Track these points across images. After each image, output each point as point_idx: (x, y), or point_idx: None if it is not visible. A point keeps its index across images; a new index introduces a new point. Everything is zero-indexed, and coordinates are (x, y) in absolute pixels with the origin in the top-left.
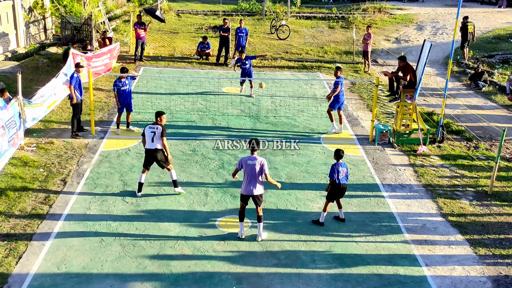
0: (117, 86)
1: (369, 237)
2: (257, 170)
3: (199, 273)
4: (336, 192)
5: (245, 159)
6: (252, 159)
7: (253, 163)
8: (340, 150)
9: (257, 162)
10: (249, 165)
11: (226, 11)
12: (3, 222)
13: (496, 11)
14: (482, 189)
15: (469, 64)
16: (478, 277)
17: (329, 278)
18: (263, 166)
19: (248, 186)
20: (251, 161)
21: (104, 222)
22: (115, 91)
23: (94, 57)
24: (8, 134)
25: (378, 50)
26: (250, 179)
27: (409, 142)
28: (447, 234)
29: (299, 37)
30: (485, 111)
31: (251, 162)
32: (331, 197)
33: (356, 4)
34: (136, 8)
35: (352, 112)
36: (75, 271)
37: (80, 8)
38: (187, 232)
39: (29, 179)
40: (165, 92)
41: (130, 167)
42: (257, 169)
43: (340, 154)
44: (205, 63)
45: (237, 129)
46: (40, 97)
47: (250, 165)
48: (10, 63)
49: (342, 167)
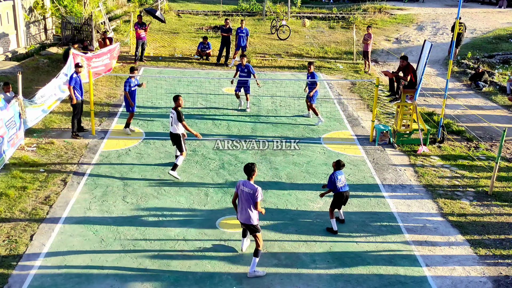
0: (129, 85)
1: (370, 237)
2: (250, 198)
3: (199, 273)
4: (340, 200)
5: (240, 184)
6: (247, 185)
7: (246, 190)
8: (341, 161)
9: (251, 190)
10: (242, 192)
11: (227, 11)
12: (3, 222)
13: (497, 11)
14: (482, 190)
15: (470, 65)
16: (478, 278)
17: (329, 278)
18: (256, 194)
19: (241, 213)
20: (244, 187)
21: (104, 222)
22: (127, 91)
23: (94, 57)
24: (8, 134)
25: (379, 50)
26: (244, 206)
27: (410, 142)
28: (448, 234)
29: (300, 37)
30: (486, 111)
31: (244, 189)
32: (335, 205)
33: (356, 4)
34: (137, 8)
35: (353, 112)
36: (75, 271)
37: (80, 8)
38: (188, 232)
39: (29, 179)
40: (165, 92)
41: (130, 167)
42: (250, 197)
43: (340, 165)
44: (206, 63)
45: (237, 129)
46: (40, 97)
47: (243, 191)
48: (10, 63)
49: (341, 175)
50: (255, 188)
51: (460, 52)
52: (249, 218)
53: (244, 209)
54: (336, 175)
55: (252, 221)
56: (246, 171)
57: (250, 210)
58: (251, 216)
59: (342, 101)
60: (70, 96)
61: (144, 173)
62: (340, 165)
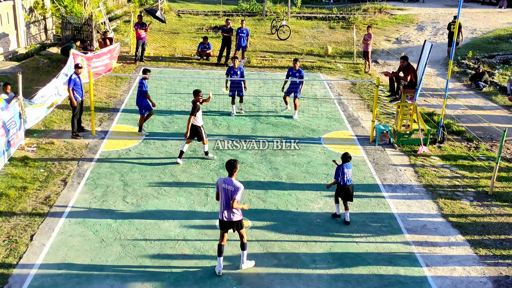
0: (145, 86)
1: (370, 238)
2: (230, 196)
3: (199, 273)
4: (340, 192)
5: (220, 181)
6: (228, 183)
7: (227, 187)
8: (347, 154)
9: (232, 187)
10: (223, 189)
11: (227, 11)
12: (3, 222)
13: (497, 11)
14: (482, 190)
15: (470, 65)
16: (478, 278)
17: (329, 278)
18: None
19: (223, 211)
20: (225, 185)
21: (104, 222)
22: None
23: (94, 58)
24: (8, 134)
25: (379, 51)
26: (225, 204)
27: (410, 142)
28: (448, 235)
29: (300, 37)
30: (486, 112)
31: (225, 186)
32: (336, 197)
33: (356, 5)
34: (137, 9)
35: (353, 113)
36: (75, 271)
37: (80, 8)
38: (188, 232)
39: (29, 180)
40: (165, 92)
41: (131, 168)
42: (230, 195)
43: (347, 157)
44: (206, 64)
45: (238, 130)
46: (40, 97)
47: (224, 189)
48: (10, 63)
49: (348, 169)
50: (236, 186)
51: (460, 52)
52: (232, 215)
53: (226, 207)
54: (342, 167)
55: (236, 218)
56: (227, 167)
57: (231, 208)
58: (233, 213)
59: (342, 101)
60: (69, 97)
61: (144, 173)
62: (345, 158)
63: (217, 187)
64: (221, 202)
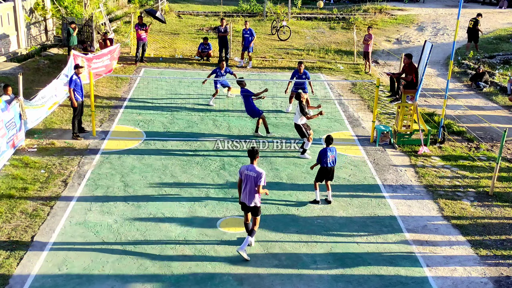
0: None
1: (370, 238)
2: (254, 181)
3: (200, 274)
4: (324, 174)
5: (244, 169)
6: (251, 169)
7: (250, 174)
8: (330, 136)
9: (255, 173)
10: (246, 176)
11: (227, 12)
12: (4, 223)
13: (497, 11)
14: (483, 190)
15: (470, 65)
16: (479, 278)
17: (330, 279)
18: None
19: (246, 196)
20: (248, 171)
21: (105, 223)
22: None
23: (94, 58)
24: (7, 135)
25: (379, 51)
26: (248, 189)
27: (410, 143)
28: (448, 235)
29: (300, 38)
30: (486, 112)
31: (248, 173)
32: (319, 179)
33: (357, 5)
34: (137, 9)
35: (353, 113)
36: (76, 272)
37: (81, 9)
38: (188, 233)
39: (30, 180)
40: (166, 93)
41: (131, 168)
42: (254, 181)
43: (330, 140)
44: (206, 64)
45: (238, 130)
46: (41, 98)
47: (248, 175)
48: (11, 64)
49: (331, 152)
50: (259, 172)
51: (460, 52)
52: (253, 201)
53: (249, 193)
54: (326, 150)
55: (256, 204)
56: (249, 154)
57: (254, 194)
58: (255, 198)
59: (343, 102)
60: (70, 98)
61: (144, 174)
62: (328, 140)
63: (240, 174)
64: (244, 188)
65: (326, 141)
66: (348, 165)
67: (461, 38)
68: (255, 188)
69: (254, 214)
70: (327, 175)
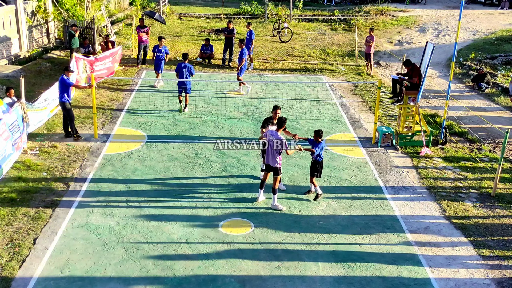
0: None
1: (372, 239)
2: (275, 147)
3: (202, 276)
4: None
5: (269, 133)
6: (274, 135)
7: (273, 139)
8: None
9: (277, 140)
10: (269, 140)
11: (228, 14)
12: (6, 226)
13: (499, 12)
14: (485, 191)
15: (472, 66)
16: (482, 279)
17: (332, 280)
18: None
19: (269, 157)
20: (271, 137)
21: (107, 225)
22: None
23: (96, 61)
24: (12, 138)
25: (381, 52)
26: (270, 152)
27: (412, 144)
28: (451, 236)
29: (301, 39)
30: (488, 113)
31: (271, 138)
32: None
33: (358, 7)
34: (139, 12)
35: (355, 115)
36: (78, 275)
37: (82, 12)
38: (190, 235)
39: (32, 183)
40: (167, 95)
41: (133, 171)
42: (275, 146)
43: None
44: (208, 66)
45: (240, 132)
46: (43, 101)
47: (270, 140)
48: (13, 67)
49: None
50: (280, 138)
51: (462, 53)
52: (275, 162)
53: (271, 155)
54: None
55: (277, 165)
56: (278, 122)
57: (276, 156)
58: (276, 160)
59: (345, 103)
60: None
61: (146, 176)
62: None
63: (265, 134)
64: (268, 150)
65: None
66: (350, 166)
67: (462, 39)
68: (277, 152)
69: (275, 173)
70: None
